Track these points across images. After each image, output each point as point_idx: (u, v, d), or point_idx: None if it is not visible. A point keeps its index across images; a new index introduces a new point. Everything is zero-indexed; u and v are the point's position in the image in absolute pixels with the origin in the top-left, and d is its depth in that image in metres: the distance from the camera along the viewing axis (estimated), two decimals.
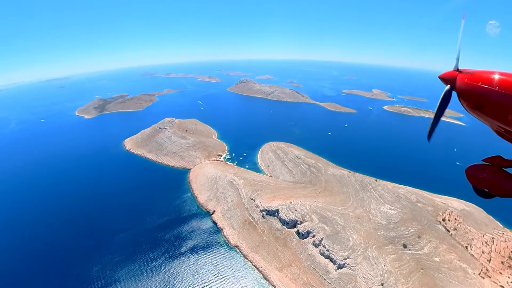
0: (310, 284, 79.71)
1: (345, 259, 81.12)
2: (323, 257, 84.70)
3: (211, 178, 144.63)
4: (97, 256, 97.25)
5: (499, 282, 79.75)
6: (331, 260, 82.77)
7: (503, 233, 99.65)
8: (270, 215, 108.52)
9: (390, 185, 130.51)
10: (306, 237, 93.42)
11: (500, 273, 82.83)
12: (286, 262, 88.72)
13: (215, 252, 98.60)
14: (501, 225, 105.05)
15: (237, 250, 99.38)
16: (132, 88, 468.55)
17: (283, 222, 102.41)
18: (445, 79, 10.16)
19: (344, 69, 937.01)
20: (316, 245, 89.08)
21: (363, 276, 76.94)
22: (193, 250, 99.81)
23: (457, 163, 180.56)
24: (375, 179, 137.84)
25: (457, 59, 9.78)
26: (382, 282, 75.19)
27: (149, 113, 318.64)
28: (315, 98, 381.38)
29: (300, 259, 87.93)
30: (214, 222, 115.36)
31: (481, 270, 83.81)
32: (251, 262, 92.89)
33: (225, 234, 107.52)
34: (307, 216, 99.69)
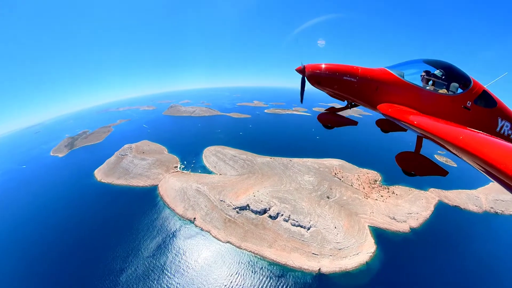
0: (296, 248, 78.32)
1: (309, 223, 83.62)
2: (295, 227, 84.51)
3: (179, 190, 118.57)
4: None
5: (374, 198, 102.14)
6: (301, 226, 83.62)
7: (360, 171, 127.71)
8: (243, 210, 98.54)
9: (300, 160, 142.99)
10: (276, 218, 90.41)
11: (372, 193, 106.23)
12: (271, 240, 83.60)
13: (215, 252, 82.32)
14: (357, 167, 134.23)
15: (231, 244, 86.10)
16: (92, 124, 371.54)
17: (255, 212, 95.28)
18: (298, 71, 11.03)
19: (232, 90, 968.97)
20: (286, 221, 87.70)
21: (324, 228, 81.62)
22: (198, 258, 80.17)
23: (317, 137, 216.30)
24: (289, 159, 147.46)
25: (302, 63, 10.74)
26: (334, 226, 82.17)
27: (109, 142, 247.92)
28: (222, 111, 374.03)
29: (280, 234, 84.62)
30: (200, 228, 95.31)
31: (364, 195, 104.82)
32: (246, 250, 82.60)
33: (214, 235, 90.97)
34: (271, 202, 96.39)
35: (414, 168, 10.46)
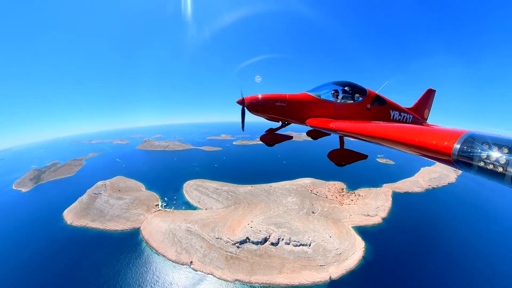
0: (304, 266, 77.48)
1: (309, 239, 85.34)
2: (298, 247, 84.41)
3: (166, 232, 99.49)
4: None
5: (347, 203, 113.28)
6: (303, 245, 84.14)
7: (329, 184, 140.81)
8: (243, 243, 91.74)
9: (278, 184, 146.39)
10: (278, 244, 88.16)
11: (343, 199, 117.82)
12: (279, 266, 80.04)
13: None
14: (325, 181, 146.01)
15: (240, 281, 76.18)
16: (63, 155, 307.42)
17: (256, 243, 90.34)
18: (239, 102, 11.67)
19: (199, 126, 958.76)
20: (288, 244, 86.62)
21: (322, 240, 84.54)
22: None
23: (283, 162, 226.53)
24: (269, 184, 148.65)
25: (242, 95, 11.49)
26: (329, 235, 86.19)
27: (81, 177, 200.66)
28: (195, 145, 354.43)
29: (286, 257, 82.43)
30: (200, 271, 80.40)
31: (338, 203, 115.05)
32: (257, 283, 75.13)
33: (219, 276, 78.68)
34: (269, 229, 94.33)
35: (343, 159, 12.31)
